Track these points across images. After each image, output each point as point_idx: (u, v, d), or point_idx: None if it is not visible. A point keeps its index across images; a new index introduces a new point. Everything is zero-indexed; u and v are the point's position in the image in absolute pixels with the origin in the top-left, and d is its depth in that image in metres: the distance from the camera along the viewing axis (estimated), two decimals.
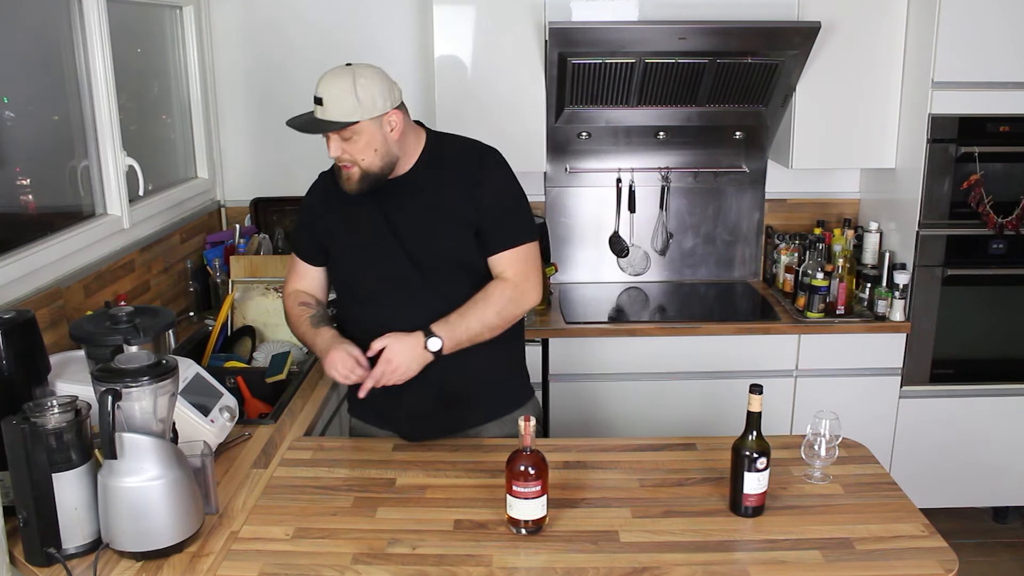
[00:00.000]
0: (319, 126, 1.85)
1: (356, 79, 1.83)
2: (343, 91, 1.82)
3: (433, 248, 1.93)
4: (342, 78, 1.84)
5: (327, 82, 1.85)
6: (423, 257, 1.93)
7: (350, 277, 2.02)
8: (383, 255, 1.94)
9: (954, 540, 1.59)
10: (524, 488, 1.55)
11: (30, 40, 2.30)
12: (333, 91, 1.83)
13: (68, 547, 1.53)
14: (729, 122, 3.23)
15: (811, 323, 2.98)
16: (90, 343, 1.81)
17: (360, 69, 1.86)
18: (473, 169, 1.96)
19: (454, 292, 1.93)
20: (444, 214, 1.94)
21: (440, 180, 1.95)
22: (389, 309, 1.94)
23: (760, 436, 1.62)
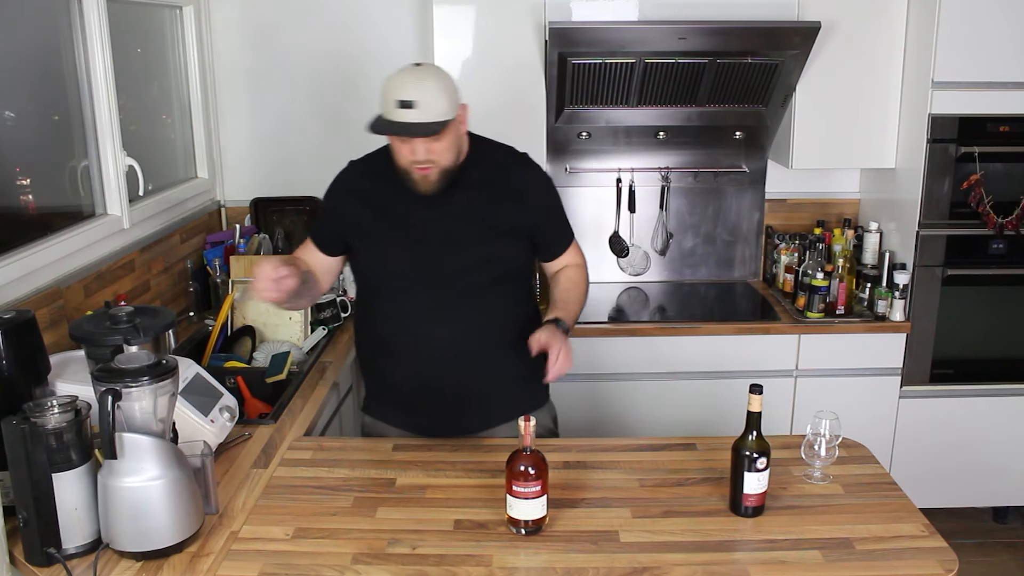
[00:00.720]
0: (425, 129, 1.79)
1: (442, 78, 1.83)
2: (436, 91, 1.80)
3: (475, 249, 1.95)
4: (430, 78, 1.82)
5: (416, 84, 1.80)
6: (463, 257, 1.94)
7: (380, 270, 2.00)
8: (423, 252, 1.94)
9: (954, 540, 1.59)
10: (524, 488, 1.55)
11: (30, 40, 2.30)
12: (426, 92, 1.79)
13: (68, 547, 1.53)
14: (729, 122, 3.23)
15: (811, 323, 2.98)
16: (90, 343, 1.81)
17: (434, 68, 1.86)
18: (518, 174, 2.02)
19: (483, 292, 1.96)
20: (489, 216, 1.95)
21: (487, 181, 1.96)
22: (416, 304, 1.96)
23: (760, 436, 1.62)
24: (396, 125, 1.81)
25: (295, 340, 2.76)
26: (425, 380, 1.99)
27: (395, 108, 1.79)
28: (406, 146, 1.84)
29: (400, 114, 1.79)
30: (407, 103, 1.78)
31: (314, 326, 2.80)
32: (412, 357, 1.98)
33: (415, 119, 1.79)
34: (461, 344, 1.96)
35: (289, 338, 2.77)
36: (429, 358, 1.97)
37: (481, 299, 1.96)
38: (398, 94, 1.79)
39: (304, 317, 2.79)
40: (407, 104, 1.78)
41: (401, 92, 1.79)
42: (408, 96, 1.78)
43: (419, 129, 1.79)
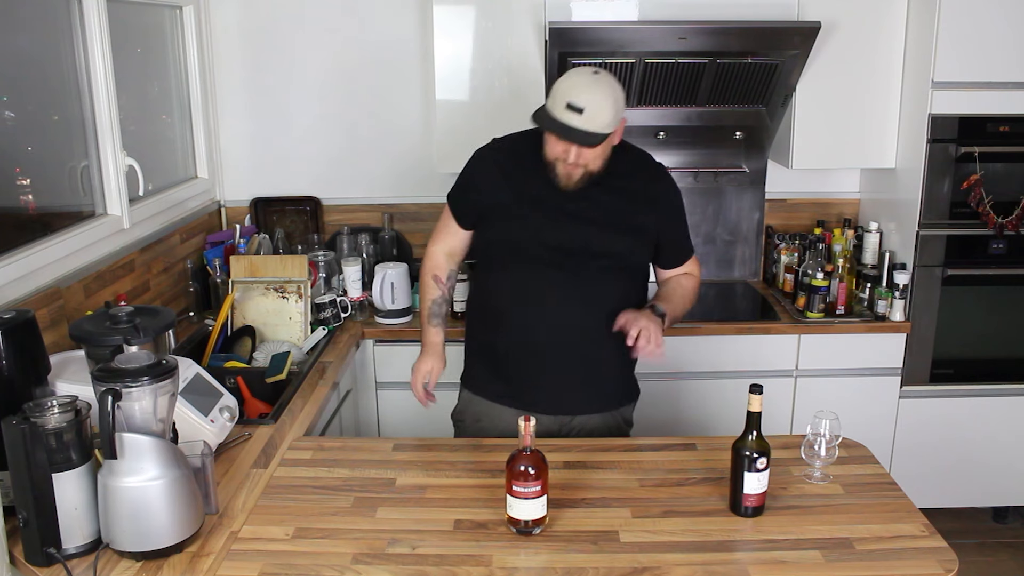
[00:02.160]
0: (585, 138, 1.85)
1: (615, 91, 1.86)
2: (605, 103, 1.84)
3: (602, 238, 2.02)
4: (603, 89, 1.85)
5: (590, 91, 1.83)
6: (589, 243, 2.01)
7: (509, 245, 2.06)
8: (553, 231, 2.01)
9: (954, 540, 1.59)
10: (524, 488, 1.55)
11: (30, 40, 2.30)
12: (596, 102, 1.82)
13: (68, 547, 1.53)
14: (729, 122, 3.23)
15: (811, 323, 2.98)
16: (90, 343, 1.81)
17: (611, 79, 1.88)
18: (653, 182, 2.10)
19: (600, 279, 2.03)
20: (623, 214, 2.03)
21: (624, 183, 2.03)
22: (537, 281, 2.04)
23: (760, 436, 1.62)
24: (559, 125, 1.85)
25: (295, 340, 2.76)
26: (535, 354, 2.06)
27: (563, 108, 1.83)
28: (560, 145, 1.90)
29: (566, 115, 1.83)
30: (576, 107, 1.82)
31: (314, 326, 2.81)
32: (525, 330, 2.05)
33: (578, 125, 1.83)
34: (574, 324, 2.03)
35: (289, 338, 2.77)
36: (542, 333, 2.04)
37: (598, 286, 2.03)
38: (570, 96, 1.83)
39: (304, 317, 2.80)
40: (575, 108, 1.82)
41: (573, 95, 1.82)
42: (579, 102, 1.82)
43: (579, 137, 1.84)
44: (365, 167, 3.36)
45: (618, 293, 2.06)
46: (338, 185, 3.38)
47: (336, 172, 3.38)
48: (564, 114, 1.83)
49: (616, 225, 2.03)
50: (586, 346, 2.06)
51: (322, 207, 3.39)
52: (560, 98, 1.85)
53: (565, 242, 2.01)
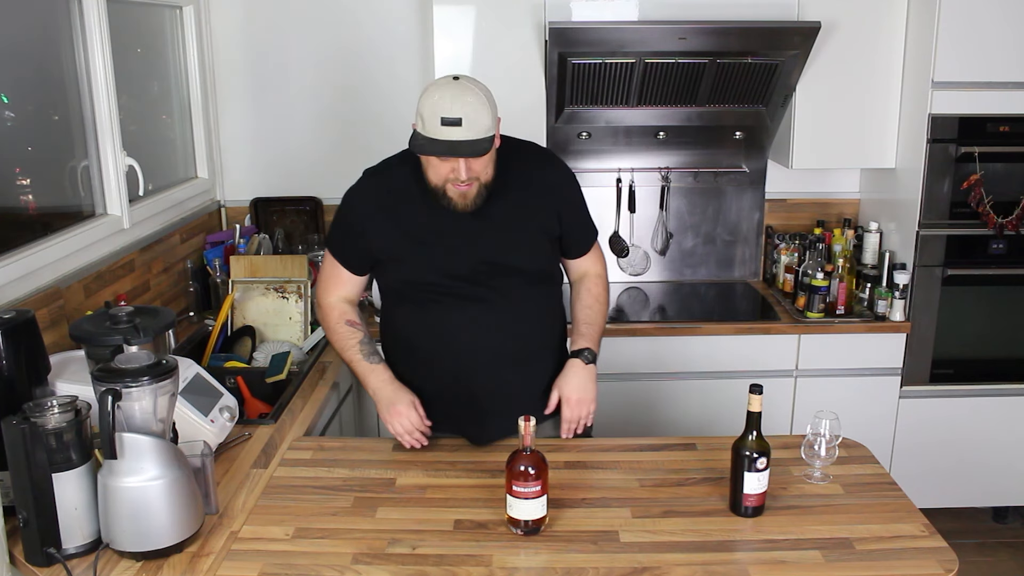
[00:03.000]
0: (474, 148, 1.73)
1: (483, 90, 1.77)
2: (480, 107, 1.73)
3: (509, 253, 1.92)
4: (473, 94, 1.74)
5: (461, 100, 1.72)
6: (497, 262, 1.91)
7: (412, 281, 1.94)
8: (457, 260, 1.90)
9: (954, 540, 1.59)
10: (524, 488, 1.55)
11: (30, 40, 2.30)
12: (471, 109, 1.72)
13: (68, 547, 1.53)
14: (729, 122, 3.23)
15: (811, 323, 2.98)
16: (90, 343, 1.81)
17: (473, 81, 1.79)
18: (547, 173, 1.99)
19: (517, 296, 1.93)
20: (523, 220, 1.92)
21: (516, 184, 1.91)
22: (453, 314, 1.92)
23: (760, 436, 1.62)
24: (442, 144, 1.73)
25: (295, 340, 2.76)
26: (467, 390, 1.94)
27: (438, 126, 1.72)
28: (446, 164, 1.78)
29: (445, 132, 1.72)
30: (452, 120, 1.71)
31: (314, 326, 2.81)
32: (451, 367, 1.94)
33: (461, 137, 1.72)
34: (501, 351, 1.93)
35: (289, 338, 2.77)
36: (470, 367, 1.94)
37: (518, 305, 1.94)
38: (442, 111, 1.71)
39: (304, 317, 2.80)
40: (452, 121, 1.71)
41: (445, 109, 1.71)
42: (453, 113, 1.71)
43: (468, 149, 1.73)
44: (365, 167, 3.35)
45: (538, 306, 1.99)
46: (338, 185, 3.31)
47: (336, 172, 3.35)
48: (442, 131, 1.72)
49: (521, 236, 1.93)
50: (517, 368, 1.96)
51: (322, 207, 3.39)
52: (431, 116, 1.72)
53: (473, 269, 1.90)
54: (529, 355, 1.97)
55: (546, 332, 2.02)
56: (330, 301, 2.04)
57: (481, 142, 1.74)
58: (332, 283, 2.04)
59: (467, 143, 1.73)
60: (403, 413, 1.90)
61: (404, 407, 1.91)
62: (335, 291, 2.04)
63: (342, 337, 2.01)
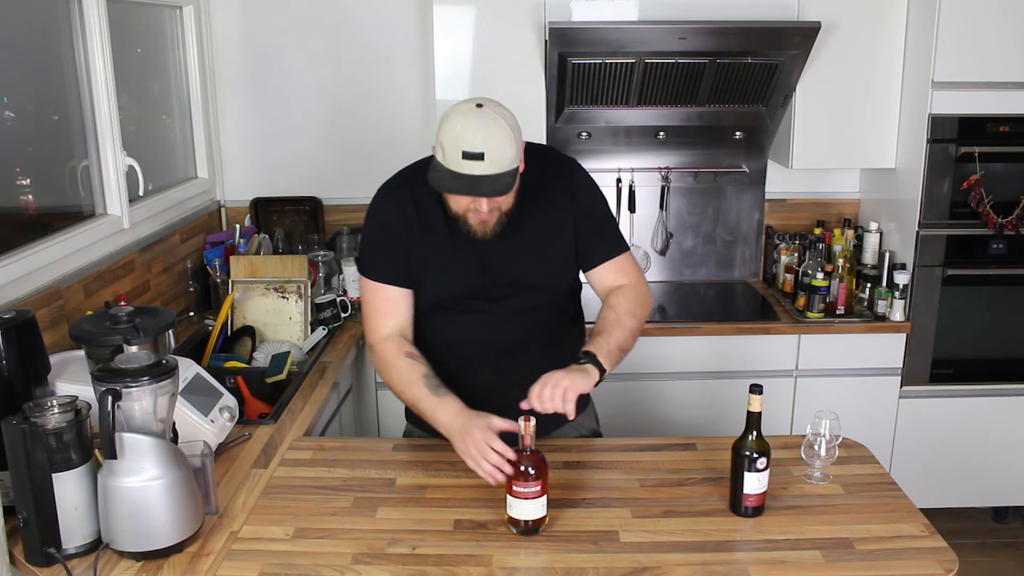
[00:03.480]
0: (497, 185, 1.64)
1: (507, 118, 1.65)
2: (505, 140, 1.63)
3: (529, 272, 1.87)
4: (497, 124, 1.63)
5: (484, 133, 1.61)
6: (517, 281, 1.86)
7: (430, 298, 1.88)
8: (476, 278, 1.85)
9: (954, 540, 1.59)
10: (524, 488, 1.55)
11: (30, 40, 2.30)
12: (495, 143, 1.62)
13: (68, 547, 1.53)
14: (729, 122, 3.23)
15: (811, 323, 2.98)
16: (90, 343, 1.81)
17: (499, 108, 1.67)
18: (564, 181, 1.88)
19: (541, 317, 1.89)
20: (542, 237, 1.86)
21: (535, 198, 1.84)
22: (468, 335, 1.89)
23: (760, 436, 1.62)
24: (464, 181, 1.64)
25: (295, 340, 2.76)
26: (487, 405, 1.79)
27: (459, 159, 1.62)
28: (467, 197, 1.70)
29: (466, 166, 1.62)
30: (474, 154, 1.61)
31: (314, 326, 2.81)
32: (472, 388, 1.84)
33: (483, 171, 1.62)
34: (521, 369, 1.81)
35: (289, 338, 2.77)
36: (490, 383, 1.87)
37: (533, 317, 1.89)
38: (464, 143, 1.61)
39: (304, 317, 2.80)
40: (474, 156, 1.61)
41: (467, 141, 1.61)
42: (475, 148, 1.60)
43: (491, 187, 1.64)
44: (365, 167, 3.35)
45: (555, 321, 1.93)
46: (338, 185, 3.38)
47: (336, 172, 3.38)
48: (464, 165, 1.62)
49: (541, 254, 1.86)
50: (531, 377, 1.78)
51: (322, 207, 3.39)
52: (453, 148, 1.62)
53: (488, 287, 1.85)
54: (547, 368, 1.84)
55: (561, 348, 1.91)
56: (383, 334, 1.87)
57: (504, 177, 1.65)
58: (381, 313, 1.88)
59: (489, 179, 1.64)
60: (477, 437, 1.64)
61: (479, 430, 1.65)
62: (386, 321, 1.87)
63: (403, 372, 1.82)
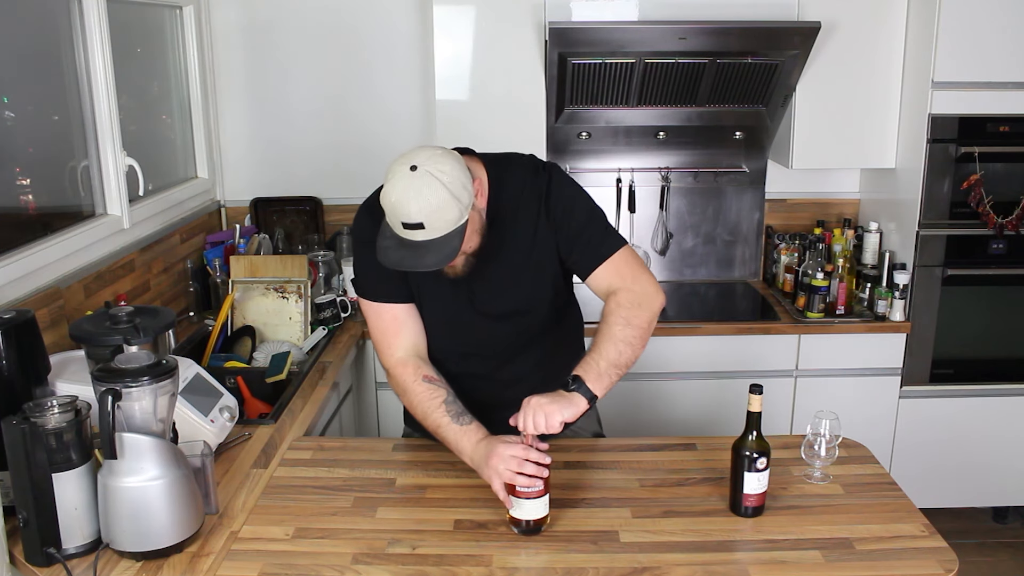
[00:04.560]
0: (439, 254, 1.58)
1: (442, 179, 1.55)
2: (442, 205, 1.55)
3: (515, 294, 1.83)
4: (432, 190, 1.54)
5: (419, 202, 1.53)
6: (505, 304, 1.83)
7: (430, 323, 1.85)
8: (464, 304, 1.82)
9: (954, 540, 1.59)
10: (526, 488, 1.55)
11: (30, 40, 2.30)
12: (431, 210, 1.54)
13: (68, 547, 1.53)
14: (729, 122, 3.23)
15: (811, 323, 2.98)
16: (90, 343, 1.81)
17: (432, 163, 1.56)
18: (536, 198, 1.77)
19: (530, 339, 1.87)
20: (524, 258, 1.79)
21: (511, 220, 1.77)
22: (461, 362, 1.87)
23: (760, 436, 1.62)
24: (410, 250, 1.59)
25: (295, 340, 2.76)
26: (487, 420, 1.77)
27: (401, 228, 1.58)
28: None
29: (409, 234, 1.58)
30: (412, 224, 1.56)
31: (314, 326, 2.81)
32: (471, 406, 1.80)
33: (426, 237, 1.57)
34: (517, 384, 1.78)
35: (289, 338, 2.77)
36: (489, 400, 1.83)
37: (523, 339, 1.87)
38: (401, 215, 1.56)
39: (304, 317, 2.80)
40: (414, 226, 1.56)
41: (404, 213, 1.55)
42: (412, 218, 1.55)
43: (435, 257, 1.58)
44: (365, 167, 3.35)
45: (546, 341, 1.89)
46: (338, 185, 3.37)
47: (336, 172, 3.38)
48: (406, 233, 1.57)
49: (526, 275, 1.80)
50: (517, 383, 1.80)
51: (322, 207, 3.39)
52: (393, 217, 1.58)
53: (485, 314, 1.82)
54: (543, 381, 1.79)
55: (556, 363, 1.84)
56: (399, 357, 1.81)
57: (449, 239, 1.58)
58: (391, 334, 1.83)
59: (434, 245, 1.57)
60: (502, 455, 1.59)
61: (502, 448, 1.60)
62: (397, 341, 1.82)
63: (423, 399, 1.77)
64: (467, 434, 1.70)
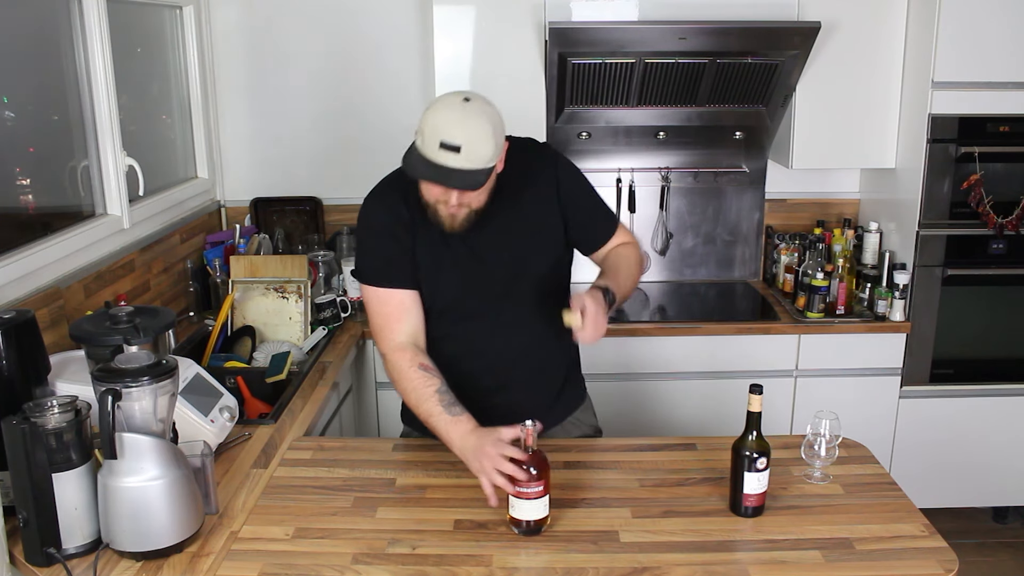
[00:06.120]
0: (467, 180, 1.63)
1: (491, 116, 1.64)
2: (484, 137, 1.62)
3: (521, 265, 1.87)
4: (479, 121, 1.62)
5: (463, 124, 1.61)
6: (510, 274, 1.87)
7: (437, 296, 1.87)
8: (473, 279, 1.85)
9: (954, 540, 1.59)
10: (526, 488, 1.55)
11: (30, 40, 2.30)
12: (474, 137, 1.61)
13: (68, 547, 1.53)
14: (729, 122, 3.23)
15: (811, 323, 2.98)
16: (90, 343, 1.81)
17: (485, 106, 1.65)
18: (546, 169, 1.89)
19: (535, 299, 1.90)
20: (531, 229, 1.87)
21: (520, 192, 1.84)
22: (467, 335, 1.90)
23: (760, 436, 1.62)
24: (434, 170, 1.63)
25: (295, 340, 2.76)
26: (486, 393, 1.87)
27: (436, 148, 1.61)
28: (438, 187, 1.69)
29: (441, 156, 1.61)
30: (451, 146, 1.60)
31: (314, 326, 2.81)
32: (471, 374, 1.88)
33: (457, 165, 1.61)
34: (513, 359, 1.91)
35: (289, 338, 2.77)
36: (488, 379, 1.90)
37: (528, 312, 1.90)
38: (443, 134, 1.60)
39: (304, 317, 2.80)
40: (451, 147, 1.60)
41: (446, 132, 1.60)
42: (453, 139, 1.59)
43: (460, 180, 1.63)
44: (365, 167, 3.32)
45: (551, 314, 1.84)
46: (338, 185, 3.38)
47: (336, 172, 3.38)
48: (439, 155, 1.61)
49: (531, 245, 1.87)
50: (534, 374, 1.93)
51: (322, 207, 3.39)
52: (432, 136, 1.61)
53: (483, 286, 1.86)
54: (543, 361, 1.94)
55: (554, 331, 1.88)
56: (398, 342, 1.83)
57: (477, 174, 1.64)
58: (393, 319, 1.85)
59: (461, 173, 1.62)
60: (491, 451, 1.60)
61: (491, 445, 1.61)
62: (398, 327, 1.84)
63: (417, 385, 1.79)
64: (457, 424, 1.73)
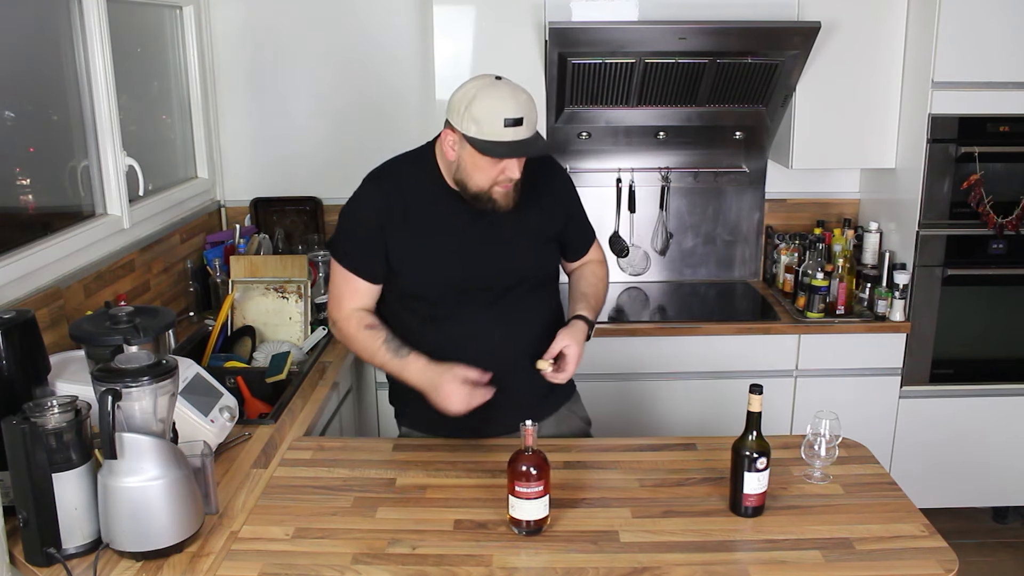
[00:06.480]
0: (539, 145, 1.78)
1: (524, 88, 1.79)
2: (531, 103, 1.79)
3: (520, 260, 1.94)
4: (520, 91, 1.78)
5: (515, 99, 1.75)
6: (508, 268, 1.93)
7: (429, 288, 1.92)
8: (469, 268, 1.90)
9: (954, 540, 1.59)
10: (526, 488, 1.55)
11: (30, 40, 2.30)
12: (526, 107, 1.76)
13: (68, 547, 1.53)
14: (729, 122, 3.23)
15: (811, 323, 2.98)
16: (90, 343, 1.81)
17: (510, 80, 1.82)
18: (551, 178, 2.00)
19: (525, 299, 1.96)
20: (533, 226, 1.95)
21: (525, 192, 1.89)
22: (465, 323, 1.93)
23: (760, 436, 1.62)
24: (512, 146, 1.75)
25: (295, 340, 2.76)
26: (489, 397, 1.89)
27: (502, 128, 1.73)
28: (498, 166, 1.78)
29: (509, 133, 1.74)
30: (515, 120, 1.73)
31: (314, 326, 2.81)
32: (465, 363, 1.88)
33: (526, 134, 1.76)
34: (509, 350, 1.94)
35: (289, 338, 2.77)
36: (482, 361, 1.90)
37: (528, 309, 1.97)
38: (504, 112, 1.73)
39: (304, 317, 2.80)
40: (515, 122, 1.73)
41: (506, 110, 1.73)
42: (516, 113, 1.74)
43: (535, 147, 1.77)
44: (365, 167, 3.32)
45: (545, 307, 2.02)
46: (338, 185, 3.34)
47: (336, 172, 3.38)
48: (506, 132, 1.73)
49: (532, 242, 1.96)
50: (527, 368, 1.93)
51: (322, 207, 3.39)
52: (492, 118, 1.73)
53: (485, 276, 1.91)
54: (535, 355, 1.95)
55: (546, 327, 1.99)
56: (345, 313, 1.95)
57: (539, 138, 1.79)
58: (346, 297, 1.95)
59: (532, 140, 1.77)
60: (453, 392, 1.81)
61: (451, 384, 1.81)
62: (349, 303, 1.95)
63: (366, 343, 1.92)
64: (408, 363, 1.89)
